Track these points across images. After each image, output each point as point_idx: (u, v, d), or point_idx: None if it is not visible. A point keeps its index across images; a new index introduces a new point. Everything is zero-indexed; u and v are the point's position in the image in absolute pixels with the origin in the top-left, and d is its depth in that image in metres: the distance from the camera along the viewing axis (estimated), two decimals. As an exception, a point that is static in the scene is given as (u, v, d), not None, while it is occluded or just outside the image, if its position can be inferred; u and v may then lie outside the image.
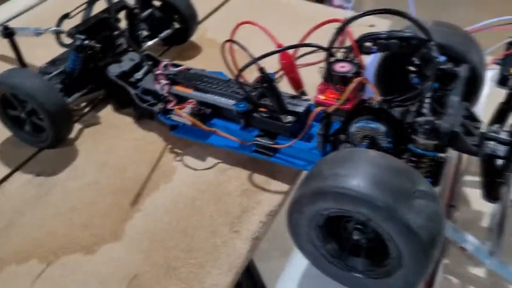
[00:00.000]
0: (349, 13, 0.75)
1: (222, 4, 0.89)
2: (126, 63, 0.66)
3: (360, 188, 0.37)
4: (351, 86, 0.47)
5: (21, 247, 0.49)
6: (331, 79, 0.49)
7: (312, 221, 0.42)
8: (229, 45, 0.58)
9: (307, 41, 0.55)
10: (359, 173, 0.38)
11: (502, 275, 0.45)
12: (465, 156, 0.62)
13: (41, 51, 0.67)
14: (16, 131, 0.60)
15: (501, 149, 0.44)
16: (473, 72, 0.53)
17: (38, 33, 0.68)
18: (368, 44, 0.50)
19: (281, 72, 0.58)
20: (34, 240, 0.50)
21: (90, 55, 0.63)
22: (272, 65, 0.55)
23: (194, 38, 0.78)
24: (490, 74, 0.75)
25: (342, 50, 0.51)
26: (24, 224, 0.51)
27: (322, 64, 0.50)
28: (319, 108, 0.50)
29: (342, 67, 0.49)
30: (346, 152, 0.42)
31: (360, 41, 0.50)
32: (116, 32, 0.67)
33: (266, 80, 0.54)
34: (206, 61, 0.74)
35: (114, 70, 0.65)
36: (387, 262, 0.40)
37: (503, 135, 0.45)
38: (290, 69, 0.56)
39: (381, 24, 0.79)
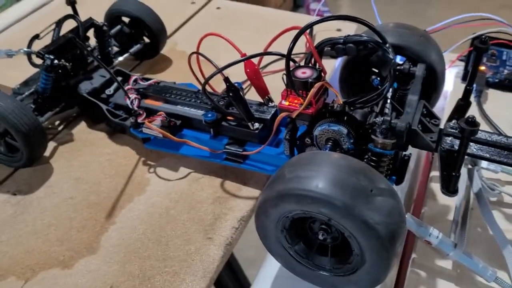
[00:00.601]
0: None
1: (190, 17, 0.90)
2: (97, 79, 0.67)
3: (319, 189, 0.38)
4: (312, 91, 0.49)
5: (-2, 265, 0.50)
6: (293, 85, 0.50)
7: (279, 223, 0.43)
8: (195, 57, 0.60)
9: (270, 49, 0.57)
10: (319, 174, 0.39)
11: (466, 265, 0.46)
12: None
13: (14, 73, 0.68)
14: (-10, 152, 0.61)
15: (458, 143, 0.46)
16: (431, 70, 0.55)
17: (10, 54, 0.69)
18: (327, 49, 0.52)
19: (248, 81, 0.60)
20: (11, 258, 0.50)
21: (61, 74, 0.64)
22: (239, 74, 0.57)
23: (164, 51, 0.80)
24: (456, 71, 0.78)
25: (301, 56, 0.52)
26: (2, 242, 0.52)
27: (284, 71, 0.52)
28: (284, 114, 0.51)
29: (304, 73, 0.51)
30: (307, 154, 0.44)
31: (320, 46, 0.52)
32: (90, 49, 0.69)
33: (232, 90, 0.55)
34: (177, 73, 0.76)
35: (85, 87, 0.66)
36: (351, 259, 0.42)
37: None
38: (255, 77, 0.58)
39: (348, 29, 0.81)
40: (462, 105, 0.54)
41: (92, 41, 0.71)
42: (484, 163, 0.56)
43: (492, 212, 0.50)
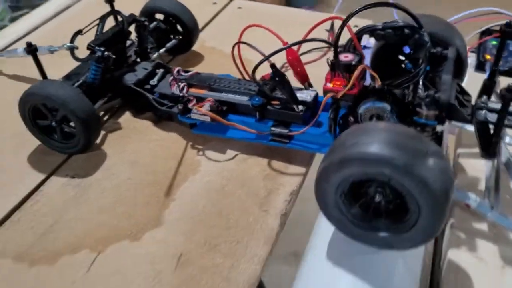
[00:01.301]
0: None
1: (214, 17, 0.95)
2: (140, 71, 0.71)
3: (381, 151, 0.43)
4: (356, 72, 0.54)
5: (71, 240, 0.53)
6: (339, 67, 0.55)
7: (338, 188, 0.48)
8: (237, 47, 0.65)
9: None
10: (378, 139, 0.44)
11: (504, 225, 0.52)
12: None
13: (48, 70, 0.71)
14: (45, 140, 0.64)
15: (491, 115, 0.51)
16: (458, 54, 0.60)
17: (52, 50, 0.73)
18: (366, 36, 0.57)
19: (287, 68, 0.65)
20: (82, 232, 0.54)
21: (107, 66, 0.68)
22: (276, 63, 0.61)
23: (195, 47, 0.84)
24: (468, 62, 0.84)
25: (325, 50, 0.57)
26: (70, 219, 0.55)
27: (329, 57, 0.57)
28: (330, 94, 0.56)
29: (346, 57, 0.56)
30: (362, 125, 0.48)
31: (359, 33, 0.57)
32: (128, 44, 0.73)
33: (279, 75, 0.60)
34: (210, 67, 0.80)
35: (130, 78, 0.70)
36: (407, 218, 0.47)
37: (491, 104, 0.52)
38: (296, 64, 0.63)
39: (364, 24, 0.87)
40: (488, 84, 0.60)
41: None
42: (507, 139, 0.62)
43: (520, 178, 0.55)
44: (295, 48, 0.63)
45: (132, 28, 0.72)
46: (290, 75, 0.62)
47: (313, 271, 0.52)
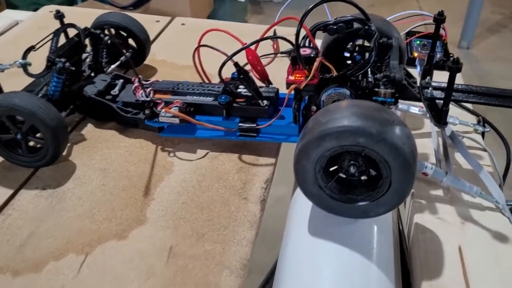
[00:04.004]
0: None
1: (159, 33, 0.97)
2: (99, 83, 0.72)
3: (355, 123, 0.48)
4: (316, 64, 0.59)
5: (53, 247, 0.52)
6: (301, 60, 0.60)
7: (317, 164, 0.52)
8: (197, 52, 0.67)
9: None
10: (350, 113, 0.49)
11: (458, 187, 0.58)
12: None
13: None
14: (9, 155, 0.62)
15: (436, 92, 0.59)
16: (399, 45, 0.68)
17: (2, 69, 0.72)
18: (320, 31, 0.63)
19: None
20: (64, 239, 0.53)
21: (67, 78, 0.67)
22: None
23: (146, 61, 0.86)
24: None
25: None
26: (48, 228, 0.54)
27: (290, 52, 0.62)
28: (293, 86, 0.61)
29: (305, 51, 0.61)
30: (331, 105, 0.53)
31: (314, 29, 0.62)
32: (83, 57, 0.73)
33: (242, 72, 0.64)
34: (165, 78, 0.82)
35: (90, 90, 0.70)
36: (380, 183, 0.51)
37: (434, 84, 0.60)
38: (256, 63, 0.67)
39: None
40: (427, 69, 0.68)
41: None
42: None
43: (464, 146, 0.63)
44: (253, 48, 0.68)
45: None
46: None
47: (297, 248, 0.55)
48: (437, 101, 0.59)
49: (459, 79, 0.88)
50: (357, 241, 0.54)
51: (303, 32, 0.61)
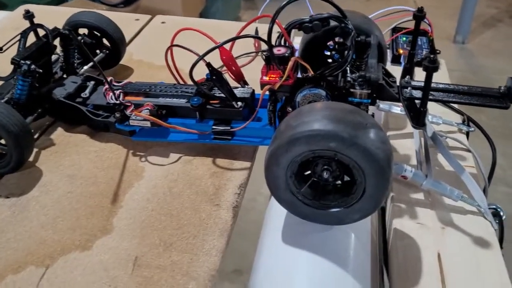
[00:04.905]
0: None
1: (138, 32, 0.95)
2: (69, 85, 0.69)
3: (326, 126, 0.46)
4: (290, 63, 0.57)
5: (12, 260, 0.50)
6: (274, 59, 0.57)
7: (288, 170, 0.49)
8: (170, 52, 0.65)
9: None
10: (321, 116, 0.47)
11: (438, 190, 0.56)
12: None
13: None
14: (-29, 163, 0.60)
15: (415, 92, 0.56)
16: (379, 44, 0.65)
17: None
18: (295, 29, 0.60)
19: (223, 69, 0.66)
20: (24, 251, 0.50)
21: (34, 81, 0.65)
22: (214, 64, 0.63)
23: (122, 61, 0.83)
24: (383, 57, 0.91)
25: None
26: (9, 240, 0.52)
27: (263, 52, 0.59)
28: (268, 87, 0.58)
29: (279, 51, 0.59)
30: (303, 107, 0.51)
31: (289, 28, 0.60)
32: (53, 60, 0.71)
33: (215, 73, 0.61)
34: (141, 78, 0.79)
35: (60, 92, 0.67)
36: (354, 189, 0.49)
37: (414, 83, 0.57)
38: (231, 63, 0.64)
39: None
40: (408, 68, 0.65)
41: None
42: (429, 117, 0.68)
43: (446, 148, 0.60)
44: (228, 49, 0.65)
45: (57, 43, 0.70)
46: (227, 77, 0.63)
47: (270, 256, 0.52)
48: (417, 101, 0.57)
49: (446, 79, 0.86)
50: (332, 249, 0.51)
51: (277, 30, 0.59)
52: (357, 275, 0.50)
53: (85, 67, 0.75)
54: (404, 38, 0.93)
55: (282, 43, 0.60)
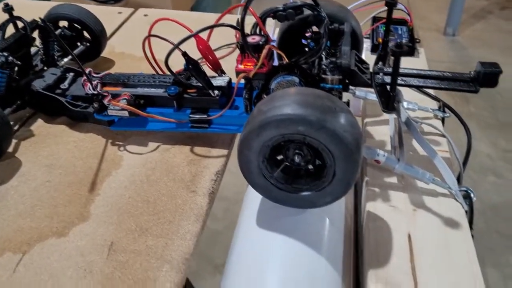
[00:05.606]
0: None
1: (121, 25, 0.95)
2: (49, 77, 0.70)
3: (294, 110, 0.46)
4: (264, 51, 0.58)
5: (-11, 247, 0.50)
6: (248, 47, 0.58)
7: (260, 154, 0.50)
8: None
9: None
10: (290, 101, 0.47)
11: (410, 173, 0.57)
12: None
13: None
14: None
15: (387, 78, 0.57)
16: (353, 32, 0.66)
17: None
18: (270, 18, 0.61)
19: (201, 59, 0.67)
20: (2, 238, 0.51)
21: (12, 73, 0.65)
22: (191, 55, 0.63)
23: (104, 54, 0.84)
24: (364, 46, 0.92)
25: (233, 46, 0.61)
26: (-14, 227, 0.52)
27: (238, 40, 0.60)
28: (242, 75, 0.59)
29: (254, 39, 0.60)
30: (277, 92, 0.52)
31: (263, 16, 0.61)
32: (33, 52, 0.71)
33: (191, 63, 0.62)
34: (122, 70, 0.79)
35: (39, 84, 0.68)
36: (325, 173, 0.50)
37: (386, 69, 0.58)
38: (207, 52, 0.65)
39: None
40: (382, 55, 0.66)
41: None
42: (404, 104, 0.69)
43: (419, 133, 0.61)
44: (205, 38, 0.66)
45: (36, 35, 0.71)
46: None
47: (246, 240, 0.53)
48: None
49: (424, 65, 0.87)
50: (305, 232, 0.52)
51: (250, 20, 0.60)
52: (330, 257, 0.51)
53: (65, 59, 0.76)
54: (385, 28, 0.94)
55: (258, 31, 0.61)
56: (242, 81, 0.60)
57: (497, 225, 1.55)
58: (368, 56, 0.87)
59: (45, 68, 0.73)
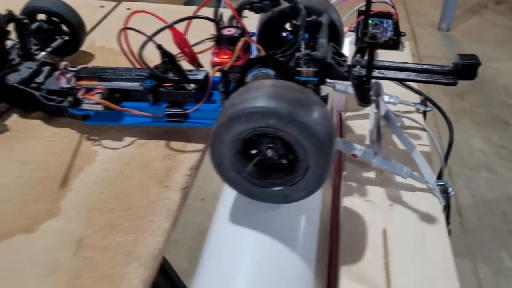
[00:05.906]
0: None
1: (103, 18, 0.94)
2: (24, 71, 0.68)
3: (264, 103, 0.45)
4: (240, 44, 0.57)
5: (-46, 244, 0.49)
6: (223, 40, 0.57)
7: (232, 148, 0.49)
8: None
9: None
10: (261, 94, 0.46)
11: (387, 167, 0.56)
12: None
13: None
14: None
15: (364, 71, 0.56)
16: (333, 25, 0.65)
17: None
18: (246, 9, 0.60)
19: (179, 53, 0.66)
20: (-33, 235, 0.50)
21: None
22: (169, 49, 0.62)
23: (84, 47, 0.82)
24: (349, 40, 0.90)
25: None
26: (-48, 225, 0.51)
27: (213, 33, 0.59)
28: (218, 67, 0.58)
29: (229, 31, 0.59)
30: (249, 84, 0.50)
31: (239, 8, 0.59)
32: (9, 46, 0.70)
33: (167, 55, 0.61)
34: (101, 64, 0.78)
35: (13, 78, 0.67)
36: (298, 167, 0.49)
37: (364, 62, 0.57)
38: (184, 45, 0.64)
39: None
40: (362, 47, 0.65)
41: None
42: (385, 97, 0.68)
43: (398, 127, 0.60)
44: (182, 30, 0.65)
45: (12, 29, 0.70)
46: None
47: (220, 236, 0.52)
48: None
49: (408, 59, 0.86)
50: (278, 227, 0.51)
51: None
52: (303, 253, 0.50)
53: (43, 53, 0.75)
54: (370, 21, 0.93)
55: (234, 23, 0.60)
56: (218, 74, 0.59)
57: (490, 220, 1.55)
58: (352, 49, 0.86)
59: (22, 62, 0.72)
